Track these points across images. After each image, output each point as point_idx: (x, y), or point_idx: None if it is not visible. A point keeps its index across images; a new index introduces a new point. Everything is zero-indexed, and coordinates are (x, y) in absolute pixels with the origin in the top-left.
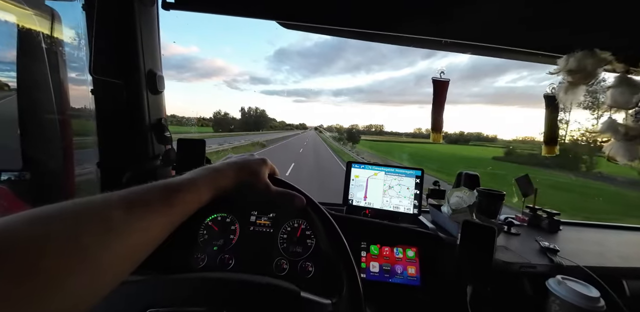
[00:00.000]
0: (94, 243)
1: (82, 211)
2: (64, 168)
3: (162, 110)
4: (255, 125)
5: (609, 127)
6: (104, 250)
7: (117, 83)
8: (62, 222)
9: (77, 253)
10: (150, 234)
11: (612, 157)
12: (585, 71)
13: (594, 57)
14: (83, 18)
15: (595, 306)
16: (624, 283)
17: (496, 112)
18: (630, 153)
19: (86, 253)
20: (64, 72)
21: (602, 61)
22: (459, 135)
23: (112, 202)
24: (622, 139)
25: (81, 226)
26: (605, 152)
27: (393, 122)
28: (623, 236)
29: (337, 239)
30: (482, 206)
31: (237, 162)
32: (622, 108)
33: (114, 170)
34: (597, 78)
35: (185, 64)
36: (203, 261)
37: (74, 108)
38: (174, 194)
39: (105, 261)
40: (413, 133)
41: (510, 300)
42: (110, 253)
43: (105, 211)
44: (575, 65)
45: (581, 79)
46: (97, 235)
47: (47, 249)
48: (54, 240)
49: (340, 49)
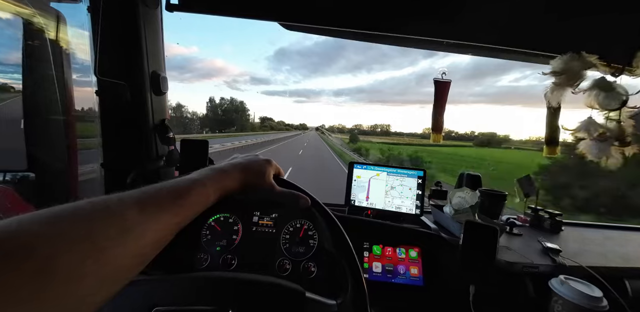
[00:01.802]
0: (109, 243)
1: (98, 211)
2: (68, 169)
3: (165, 111)
4: (225, 124)
5: (585, 126)
6: (118, 250)
7: (121, 84)
8: (78, 222)
9: (93, 253)
10: (161, 234)
11: (582, 154)
12: (571, 73)
13: (580, 60)
14: (88, 20)
15: (598, 305)
16: (626, 283)
17: (499, 111)
18: (598, 152)
19: (101, 253)
20: (69, 74)
21: (588, 64)
22: (489, 136)
23: (127, 202)
24: (595, 138)
25: (97, 227)
26: (578, 148)
27: (396, 121)
28: (625, 236)
29: (342, 240)
30: (484, 206)
31: (242, 163)
32: (606, 109)
33: (117, 171)
34: (582, 80)
35: (185, 64)
36: (206, 261)
37: (78, 109)
38: (184, 194)
39: (119, 261)
40: (422, 134)
41: (513, 300)
42: (124, 253)
43: (120, 211)
44: (561, 68)
45: (565, 81)
46: (112, 235)
47: (63, 249)
48: (69, 240)
49: (341, 48)
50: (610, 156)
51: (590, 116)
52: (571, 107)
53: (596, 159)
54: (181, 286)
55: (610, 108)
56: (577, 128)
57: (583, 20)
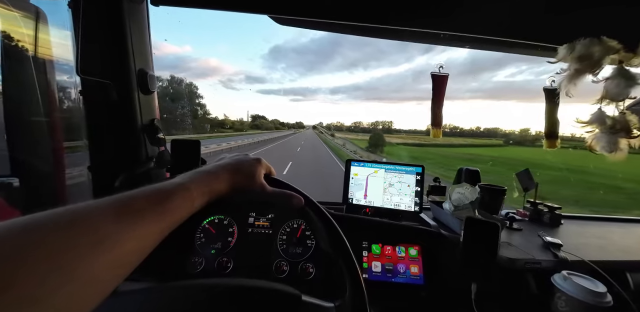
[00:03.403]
0: (83, 254)
1: (70, 220)
2: (54, 172)
3: (155, 110)
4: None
5: (597, 118)
6: (92, 261)
7: (106, 83)
8: (51, 232)
9: (66, 264)
10: (141, 242)
11: (592, 147)
12: (592, 59)
13: (601, 45)
14: (69, 16)
15: (602, 301)
16: (627, 276)
17: (495, 106)
18: (609, 145)
19: (74, 264)
20: (52, 73)
21: (610, 49)
22: (521, 134)
23: (99, 211)
24: (607, 131)
25: (70, 236)
26: (587, 141)
27: (395, 119)
28: (624, 228)
29: (338, 239)
30: (484, 201)
31: (230, 164)
32: (614, 100)
33: (106, 173)
34: (602, 67)
35: (179, 63)
36: (200, 264)
37: (63, 110)
38: (165, 200)
39: (94, 272)
40: (426, 130)
41: (516, 297)
42: (100, 264)
43: (90, 221)
44: (583, 52)
45: (588, 67)
46: (85, 246)
47: (36, 259)
48: (42, 250)
49: (336, 45)
50: (619, 149)
51: (600, 108)
52: (567, 102)
53: (606, 152)
54: (173, 295)
55: (620, 99)
56: (589, 120)
57: (585, 12)
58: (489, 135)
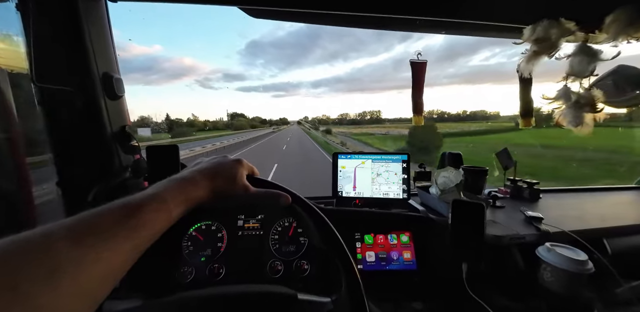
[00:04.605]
0: (37, 287)
1: (17, 252)
2: (20, 192)
3: (125, 116)
4: None
5: (563, 94)
6: (49, 293)
7: (67, 90)
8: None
9: (17, 300)
10: (111, 263)
11: (559, 123)
12: (550, 41)
13: (558, 27)
14: (18, 19)
15: (585, 268)
16: (605, 242)
17: (472, 90)
18: (576, 119)
19: (28, 299)
20: (5, 84)
21: (566, 31)
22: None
23: (55, 236)
24: (573, 106)
25: (18, 270)
26: (555, 117)
27: (377, 108)
28: (598, 197)
29: (330, 234)
30: (467, 182)
31: (208, 168)
32: (578, 76)
33: (77, 188)
34: (558, 49)
35: (151, 64)
36: (191, 274)
37: (24, 123)
38: (134, 214)
39: (55, 303)
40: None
41: (505, 272)
42: (60, 294)
43: (45, 248)
44: (542, 35)
45: (545, 49)
46: (38, 278)
47: None
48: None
49: (315, 37)
50: (585, 123)
51: (566, 84)
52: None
53: (572, 127)
54: (165, 310)
55: (584, 75)
56: (555, 96)
57: None
58: (475, 118)
